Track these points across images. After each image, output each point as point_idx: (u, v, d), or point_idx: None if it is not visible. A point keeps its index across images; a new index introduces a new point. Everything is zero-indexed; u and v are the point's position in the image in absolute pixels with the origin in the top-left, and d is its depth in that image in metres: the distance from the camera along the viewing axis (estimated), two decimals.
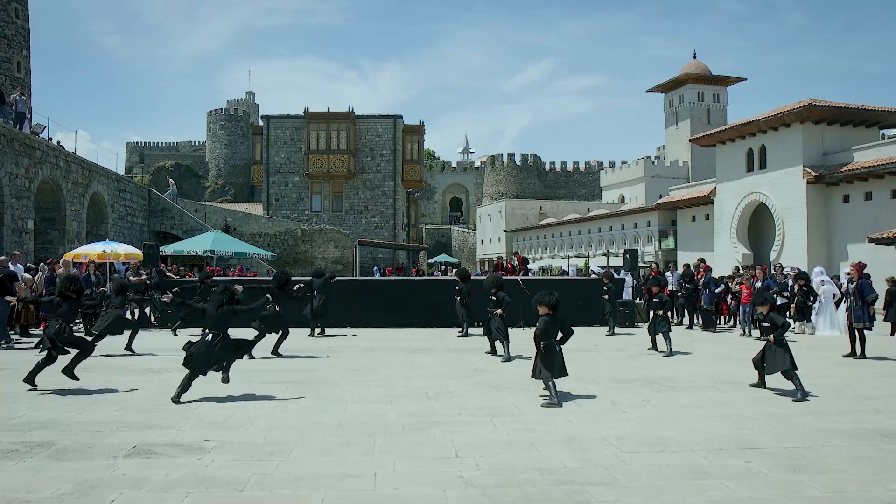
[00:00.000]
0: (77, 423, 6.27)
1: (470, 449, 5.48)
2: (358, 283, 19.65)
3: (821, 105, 29.12)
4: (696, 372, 9.64)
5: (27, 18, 38.44)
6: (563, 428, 6.21)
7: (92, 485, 4.54)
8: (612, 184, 69.54)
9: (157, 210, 33.08)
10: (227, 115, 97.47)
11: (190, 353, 7.27)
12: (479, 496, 4.39)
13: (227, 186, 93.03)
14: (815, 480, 4.72)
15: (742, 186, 33.39)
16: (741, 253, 33.19)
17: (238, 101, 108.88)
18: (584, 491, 4.48)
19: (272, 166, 46.33)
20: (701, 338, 14.61)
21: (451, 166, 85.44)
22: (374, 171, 46.30)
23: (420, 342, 13.30)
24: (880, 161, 26.38)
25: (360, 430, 6.11)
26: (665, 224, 42.25)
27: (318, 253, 37.58)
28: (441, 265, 45.97)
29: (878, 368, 10.24)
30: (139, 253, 18.48)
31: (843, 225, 28.86)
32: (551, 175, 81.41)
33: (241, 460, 5.14)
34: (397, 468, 4.98)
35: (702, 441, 5.74)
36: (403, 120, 46.60)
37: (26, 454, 5.26)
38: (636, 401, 7.48)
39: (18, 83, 34.37)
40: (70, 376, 8.00)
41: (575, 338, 13.30)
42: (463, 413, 6.84)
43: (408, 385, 8.46)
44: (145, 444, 5.56)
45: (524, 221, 60.62)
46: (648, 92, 70.19)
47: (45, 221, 23.48)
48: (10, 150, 20.08)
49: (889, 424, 6.40)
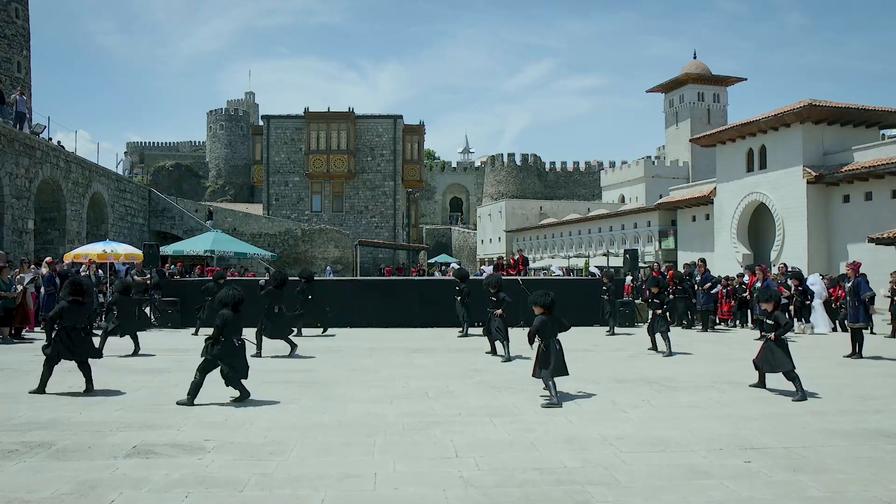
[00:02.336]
0: (77, 423, 6.27)
1: (470, 449, 5.48)
2: (358, 282, 19.65)
3: (821, 105, 29.12)
4: (696, 372, 9.63)
5: (27, 18, 38.45)
6: (563, 428, 6.21)
7: (92, 485, 4.54)
8: (612, 184, 69.54)
9: (157, 210, 33.08)
10: (227, 115, 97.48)
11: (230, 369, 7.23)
12: (479, 496, 4.39)
13: (227, 186, 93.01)
14: (815, 480, 4.71)
15: (742, 186, 33.39)
16: (741, 253, 33.19)
17: (238, 101, 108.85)
18: (584, 491, 4.48)
19: (272, 166, 46.34)
20: (701, 338, 14.61)
21: (451, 166, 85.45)
22: (374, 171, 46.30)
23: (420, 342, 13.30)
24: (880, 161, 26.37)
25: (360, 430, 6.11)
26: (665, 224, 42.25)
27: (319, 253, 37.59)
28: (441, 265, 45.99)
29: (878, 368, 10.23)
30: (139, 253, 18.47)
31: (843, 225, 28.85)
32: (551, 175, 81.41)
33: (241, 460, 5.14)
34: (397, 468, 4.98)
35: (702, 441, 5.74)
36: (403, 120, 46.62)
37: (26, 454, 5.26)
38: (636, 401, 7.48)
39: (18, 83, 34.36)
40: (91, 389, 7.79)
41: (575, 338, 13.33)
42: (463, 413, 6.84)
43: (408, 385, 8.46)
44: (145, 444, 5.56)
45: (524, 221, 60.62)
46: (648, 92, 70.28)
47: (46, 221, 23.48)
48: (10, 150, 20.08)
49: (889, 424, 6.39)
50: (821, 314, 16.31)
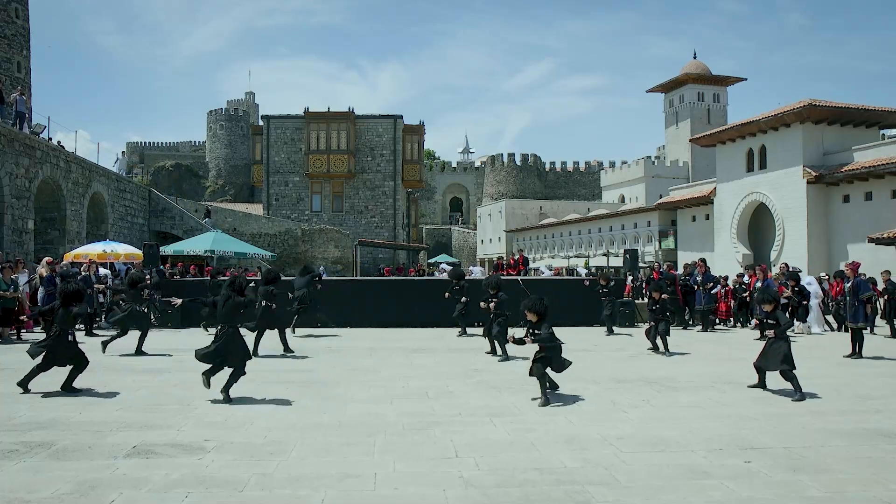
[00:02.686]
0: (77, 423, 6.27)
1: (470, 449, 5.48)
2: (358, 282, 19.65)
3: (821, 105, 29.11)
4: (696, 372, 9.63)
5: (27, 18, 38.46)
6: (563, 428, 6.21)
7: (92, 485, 4.54)
8: (612, 184, 69.54)
9: (157, 210, 33.08)
10: (227, 115, 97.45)
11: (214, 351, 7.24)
12: (479, 496, 4.39)
13: (227, 186, 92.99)
14: (815, 480, 4.71)
15: (742, 186, 33.38)
16: (741, 253, 33.19)
17: (238, 101, 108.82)
18: (584, 491, 4.48)
19: (272, 166, 46.34)
20: (701, 338, 14.60)
21: (451, 166, 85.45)
22: (374, 171, 46.30)
23: (420, 342, 13.30)
24: (880, 161, 26.37)
25: (360, 430, 6.11)
26: (665, 224, 42.25)
27: (319, 253, 37.57)
28: (440, 265, 45.99)
29: (878, 368, 10.23)
30: (139, 253, 18.48)
31: (843, 225, 28.85)
32: (551, 175, 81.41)
33: (241, 460, 5.14)
34: (397, 468, 4.98)
35: (702, 441, 5.74)
36: (403, 120, 46.61)
37: (26, 454, 5.26)
38: (636, 401, 7.48)
39: (18, 83, 34.37)
40: (70, 391, 7.71)
41: (575, 338, 13.30)
42: (463, 413, 6.84)
43: (408, 385, 8.46)
44: (145, 444, 5.56)
45: (524, 221, 60.61)
46: (648, 92, 70.30)
47: (45, 221, 23.48)
48: (10, 150, 20.08)
49: (889, 424, 6.39)
50: (815, 315, 16.45)
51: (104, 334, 14.32)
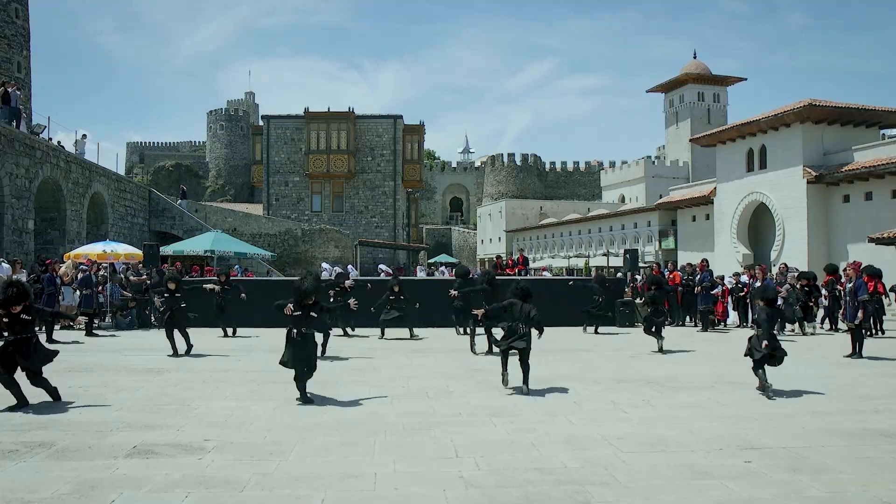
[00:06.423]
0: (77, 423, 6.27)
1: (470, 449, 5.48)
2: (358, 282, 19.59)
3: (821, 105, 29.13)
4: (696, 372, 9.63)
5: (27, 18, 38.43)
6: (563, 428, 6.21)
7: (92, 485, 4.54)
8: (612, 184, 69.52)
9: (157, 210, 33.08)
10: (228, 115, 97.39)
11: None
12: (479, 496, 4.39)
13: (227, 186, 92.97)
14: (815, 480, 4.71)
15: (742, 186, 33.40)
16: (741, 253, 33.20)
17: (238, 101, 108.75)
18: (584, 491, 4.48)
19: (272, 166, 46.36)
20: (701, 338, 14.61)
21: (451, 166, 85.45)
22: (374, 171, 46.32)
23: (420, 342, 13.30)
24: (880, 161, 26.38)
25: (360, 430, 6.11)
26: (665, 224, 42.27)
27: (319, 253, 37.57)
28: (439, 265, 45.99)
29: (878, 368, 10.23)
30: (139, 253, 18.48)
31: (843, 225, 28.86)
32: (551, 175, 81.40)
33: (241, 460, 5.14)
34: (397, 468, 4.97)
35: (702, 441, 5.73)
36: (404, 120, 46.63)
37: (26, 454, 5.26)
38: (636, 401, 7.48)
39: (19, 83, 34.33)
40: (48, 390, 7.14)
41: (575, 338, 13.29)
42: (463, 413, 6.84)
43: (408, 385, 8.46)
44: (145, 444, 5.56)
45: (524, 221, 60.62)
46: (648, 92, 70.21)
47: (45, 221, 23.47)
48: (10, 150, 20.08)
49: (889, 424, 6.39)
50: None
51: (104, 334, 14.34)
